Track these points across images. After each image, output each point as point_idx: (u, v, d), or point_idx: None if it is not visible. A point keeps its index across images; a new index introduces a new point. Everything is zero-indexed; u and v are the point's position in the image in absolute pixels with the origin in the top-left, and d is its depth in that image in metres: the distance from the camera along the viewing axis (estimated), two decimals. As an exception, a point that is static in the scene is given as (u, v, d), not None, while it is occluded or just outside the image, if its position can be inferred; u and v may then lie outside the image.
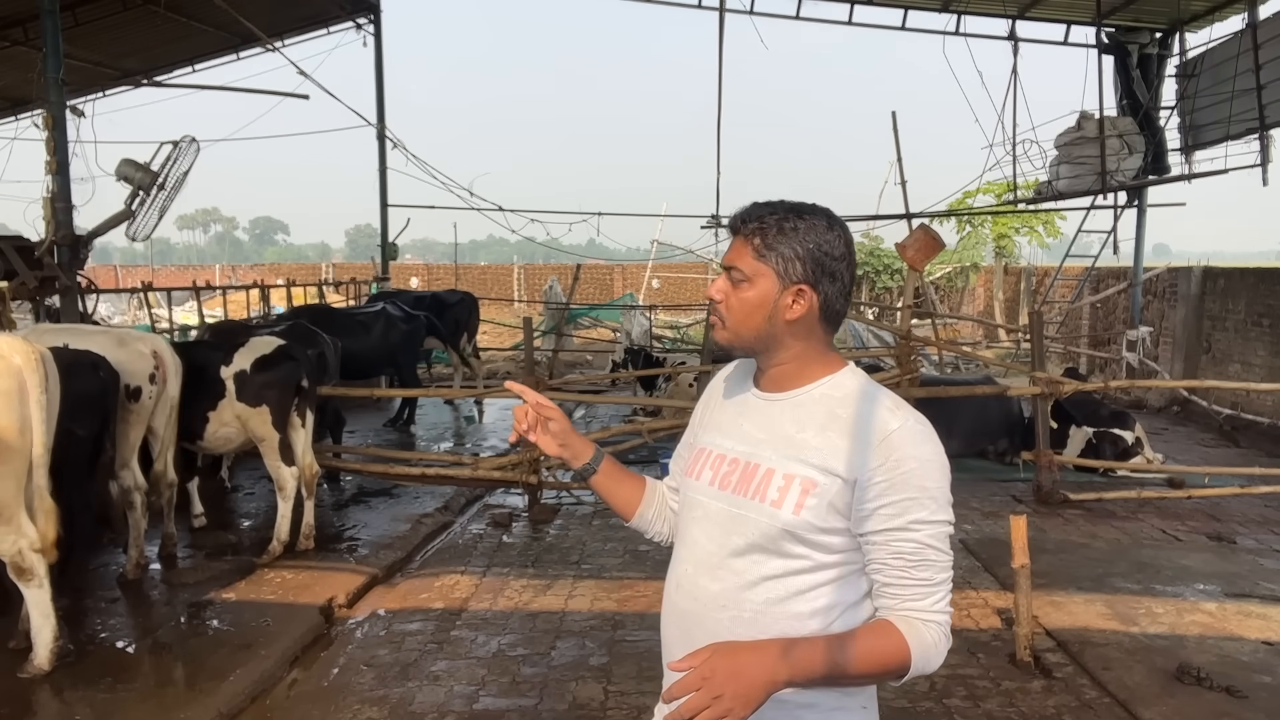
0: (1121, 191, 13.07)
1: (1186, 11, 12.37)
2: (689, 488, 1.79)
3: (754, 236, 1.64)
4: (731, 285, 1.68)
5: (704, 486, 1.74)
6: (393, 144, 14.27)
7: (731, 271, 1.68)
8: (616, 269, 33.55)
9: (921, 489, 1.56)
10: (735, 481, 1.68)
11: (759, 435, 1.69)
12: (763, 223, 1.64)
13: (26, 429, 4.13)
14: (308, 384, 6.32)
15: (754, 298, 1.65)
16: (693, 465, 1.80)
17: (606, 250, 26.17)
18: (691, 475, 1.78)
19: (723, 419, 1.80)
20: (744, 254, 1.65)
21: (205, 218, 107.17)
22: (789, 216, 1.64)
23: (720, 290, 1.69)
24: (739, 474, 1.68)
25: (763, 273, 1.64)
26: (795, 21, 13.72)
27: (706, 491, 1.73)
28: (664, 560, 1.85)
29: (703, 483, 1.74)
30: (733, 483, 1.69)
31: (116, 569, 5.76)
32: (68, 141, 8.14)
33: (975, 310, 26.24)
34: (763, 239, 1.64)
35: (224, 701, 4.09)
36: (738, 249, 1.67)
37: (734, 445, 1.73)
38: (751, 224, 1.65)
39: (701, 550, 1.71)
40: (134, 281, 24.68)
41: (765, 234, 1.64)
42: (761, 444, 1.68)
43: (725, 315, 1.69)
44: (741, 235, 1.67)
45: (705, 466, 1.76)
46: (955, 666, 4.52)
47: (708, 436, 1.81)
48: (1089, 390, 8.43)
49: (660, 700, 1.48)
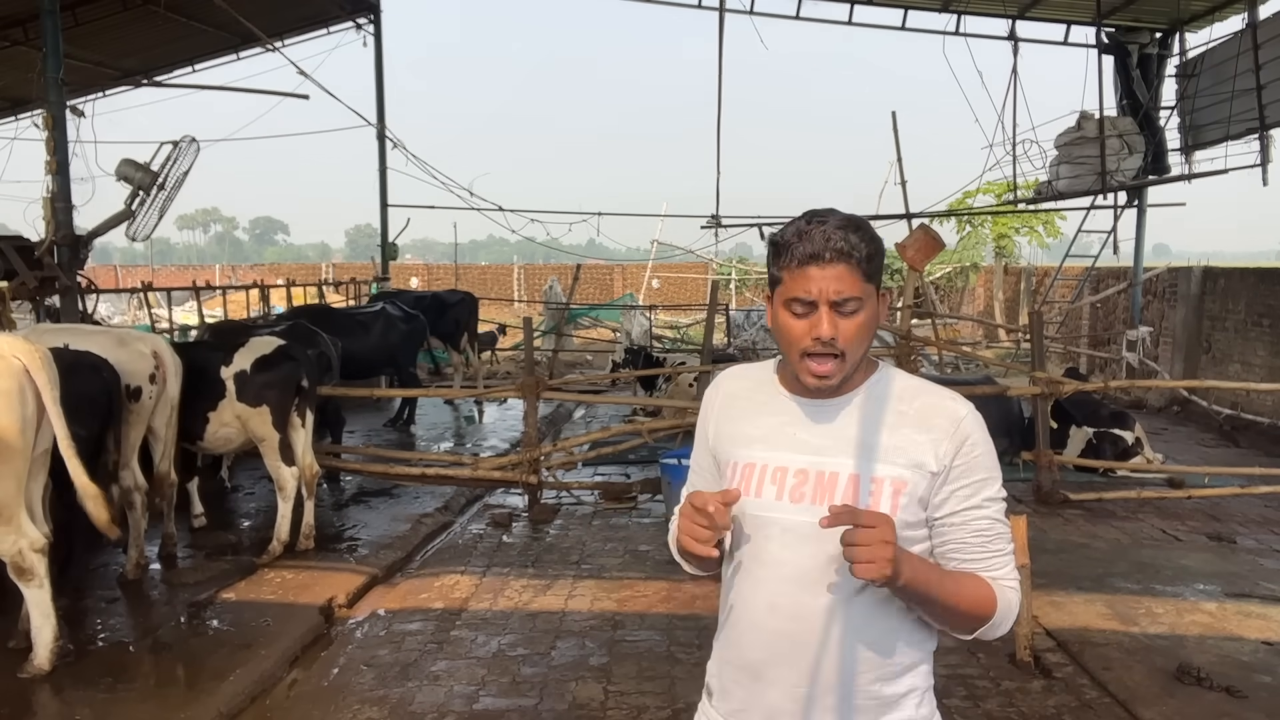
0: (1121, 191, 13.07)
1: (1186, 11, 12.37)
2: (751, 507, 1.69)
3: (863, 262, 1.58)
4: (839, 316, 1.58)
5: (772, 503, 1.67)
6: (393, 144, 14.28)
7: (841, 305, 1.58)
8: (616, 269, 33.55)
9: (989, 469, 1.66)
10: (810, 493, 1.65)
11: (822, 442, 1.66)
12: (866, 245, 1.59)
13: (28, 429, 4.13)
14: (308, 384, 6.33)
15: (870, 321, 1.62)
16: (748, 484, 1.70)
17: (606, 250, 26.23)
18: (749, 494, 1.69)
19: (763, 431, 1.72)
20: (853, 280, 1.58)
21: (205, 218, 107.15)
22: (867, 230, 1.61)
23: (831, 327, 1.58)
24: (812, 485, 1.65)
25: (870, 293, 1.61)
26: (796, 22, 13.74)
27: (777, 508, 1.67)
28: (664, 560, 1.86)
29: (767, 499, 1.67)
30: (807, 494, 1.65)
31: (116, 569, 5.76)
32: (68, 141, 8.14)
33: (975, 310, 26.24)
34: (868, 261, 1.59)
35: (224, 701, 4.09)
36: (847, 278, 1.57)
37: (794, 457, 1.68)
38: (853, 247, 1.57)
39: (793, 568, 1.66)
40: (134, 281, 24.69)
41: (869, 256, 1.59)
42: (829, 451, 1.65)
43: (849, 349, 1.60)
44: (848, 263, 1.57)
45: (765, 482, 1.68)
46: (955, 666, 4.52)
47: (749, 451, 1.72)
48: (1089, 390, 8.43)
49: (820, 524, 1.49)
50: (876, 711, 1.68)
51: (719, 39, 13.46)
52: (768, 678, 1.69)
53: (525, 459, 7.35)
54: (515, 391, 7.72)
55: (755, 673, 1.71)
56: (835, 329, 1.58)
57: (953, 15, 13.56)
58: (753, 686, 1.71)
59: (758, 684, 1.71)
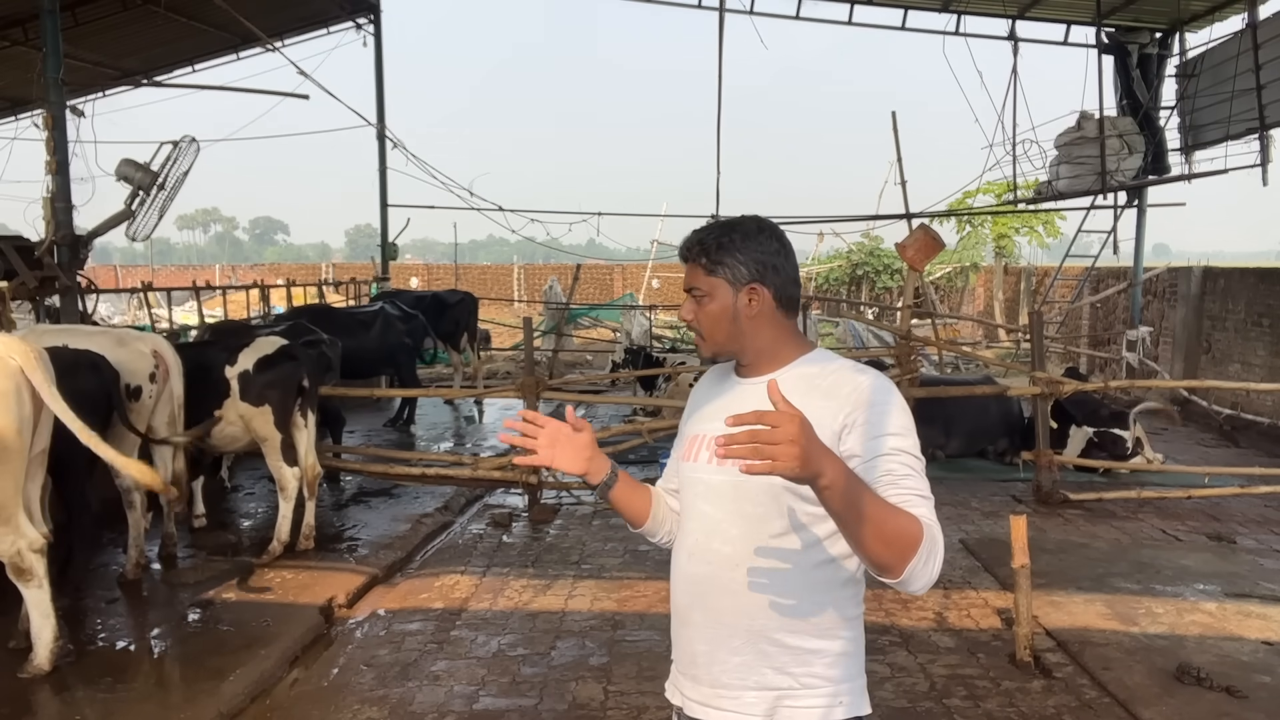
0: (1121, 191, 13.06)
1: (1186, 11, 12.36)
2: (688, 470, 1.95)
3: (700, 258, 1.88)
4: (697, 304, 1.90)
5: (702, 466, 1.89)
6: (393, 144, 14.28)
7: (693, 292, 1.91)
8: (616, 269, 33.54)
9: (899, 427, 1.74)
10: None
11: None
12: (703, 245, 1.88)
13: (25, 429, 4.13)
14: (310, 384, 6.32)
15: (717, 309, 1.88)
16: (688, 451, 1.96)
17: (606, 250, 26.18)
18: (689, 460, 1.94)
19: (710, 409, 1.96)
20: (697, 275, 1.89)
21: (205, 218, 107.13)
22: (724, 233, 1.89)
23: (689, 311, 1.92)
24: None
25: (716, 285, 1.88)
26: (796, 22, 13.74)
27: (705, 469, 1.88)
28: (664, 560, 1.89)
29: (700, 463, 1.90)
30: None
31: (116, 569, 5.76)
32: (68, 141, 8.12)
33: (975, 310, 26.24)
34: (708, 258, 1.87)
35: (224, 701, 4.09)
36: (691, 273, 1.91)
37: (723, 426, 1.76)
38: (695, 249, 1.89)
39: (709, 520, 1.86)
40: (134, 281, 24.69)
41: (708, 253, 1.87)
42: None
43: (701, 330, 1.91)
44: (691, 261, 1.90)
45: (701, 448, 1.91)
46: (955, 666, 4.53)
47: (698, 426, 1.97)
48: (1089, 390, 8.43)
49: (717, 440, 1.52)
50: (783, 661, 1.78)
51: (719, 39, 13.47)
52: (688, 620, 1.88)
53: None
54: (515, 391, 7.72)
55: (682, 617, 1.91)
56: (690, 313, 1.91)
57: (953, 15, 13.56)
58: (681, 631, 1.91)
59: (684, 629, 1.90)
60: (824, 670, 1.79)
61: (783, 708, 1.78)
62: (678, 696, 1.92)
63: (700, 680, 1.85)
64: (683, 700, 1.90)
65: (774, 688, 1.78)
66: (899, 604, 5.32)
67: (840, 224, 22.62)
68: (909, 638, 4.89)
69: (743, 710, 1.79)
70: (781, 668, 1.78)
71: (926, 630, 5.00)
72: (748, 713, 1.78)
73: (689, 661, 1.88)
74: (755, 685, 1.79)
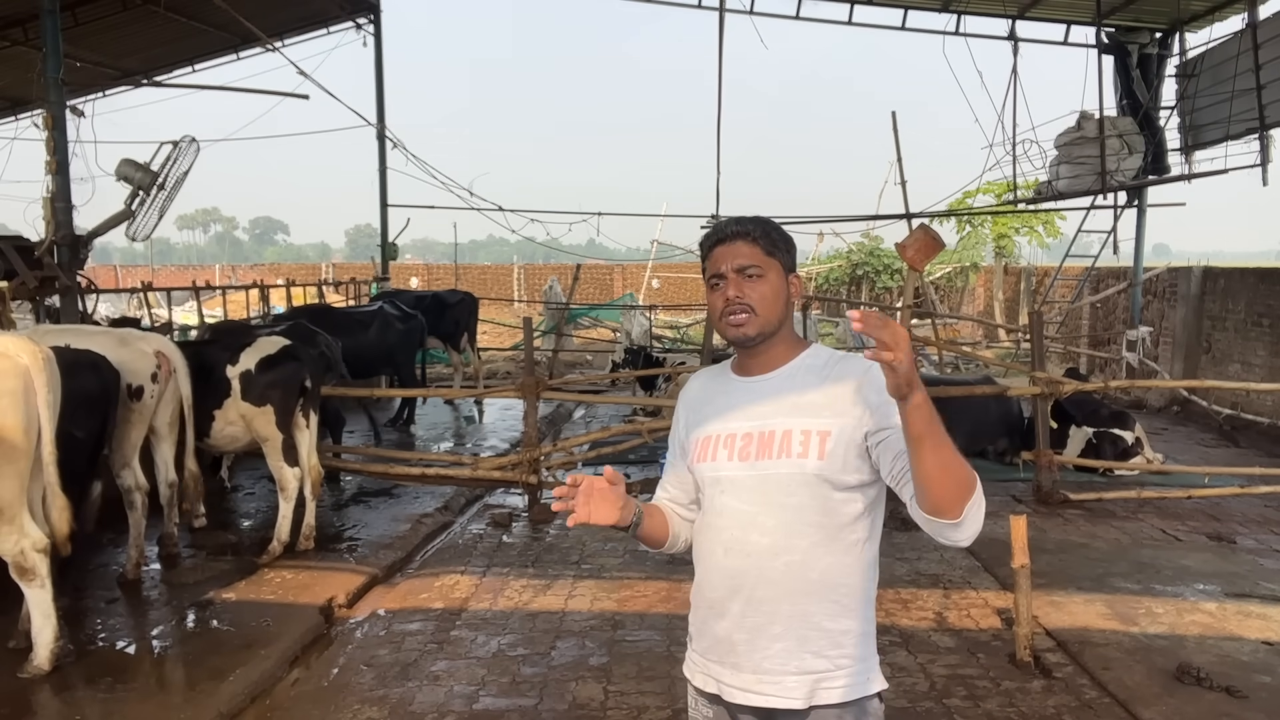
0: (1121, 191, 13.06)
1: (1186, 11, 12.36)
2: (706, 471, 1.99)
3: (761, 239, 1.95)
4: (747, 281, 1.93)
5: (724, 464, 1.95)
6: (393, 144, 14.27)
7: (746, 270, 1.94)
8: (616, 269, 33.54)
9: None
10: (755, 450, 1.91)
11: (763, 409, 1.93)
12: (762, 227, 1.97)
13: (31, 429, 4.13)
14: (311, 384, 6.32)
15: (772, 289, 1.95)
16: (702, 452, 2.00)
17: (606, 250, 26.16)
18: (705, 460, 1.98)
19: (716, 410, 2.01)
20: (756, 253, 1.94)
21: (205, 218, 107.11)
22: (770, 224, 1.99)
23: (738, 288, 1.93)
24: (756, 444, 1.91)
25: (773, 266, 1.95)
26: (795, 22, 13.73)
27: (729, 467, 1.94)
28: (664, 561, 1.91)
29: (720, 461, 1.96)
30: (753, 452, 1.91)
31: (116, 569, 5.76)
32: (68, 141, 8.12)
33: (975, 310, 26.23)
34: (768, 239, 1.96)
35: (224, 701, 4.10)
36: (746, 251, 1.95)
37: (740, 424, 1.95)
38: (755, 229, 1.96)
39: (742, 514, 1.92)
40: (134, 281, 24.67)
41: (769, 235, 1.96)
42: (769, 415, 1.92)
43: (756, 305, 1.93)
44: (745, 240, 1.95)
45: (718, 447, 1.96)
46: (955, 666, 4.53)
47: (707, 427, 2.01)
48: (1089, 390, 8.43)
49: (853, 324, 1.62)
50: (820, 645, 1.88)
51: (719, 39, 13.47)
52: (725, 612, 1.93)
53: (525, 459, 7.34)
54: (515, 392, 7.71)
55: (717, 610, 1.95)
56: (740, 289, 1.93)
57: (953, 15, 13.55)
58: (716, 623, 1.95)
59: (720, 620, 1.94)
60: (852, 649, 1.90)
61: (820, 689, 1.87)
62: (711, 684, 1.97)
63: (741, 668, 1.91)
64: (719, 687, 1.95)
65: (813, 671, 1.88)
66: (899, 604, 5.32)
67: (840, 224, 22.63)
68: (909, 638, 4.89)
69: (785, 694, 1.87)
70: (819, 651, 1.88)
71: (926, 630, 5.00)
72: (790, 695, 1.87)
73: (726, 650, 1.93)
74: (796, 670, 1.88)
